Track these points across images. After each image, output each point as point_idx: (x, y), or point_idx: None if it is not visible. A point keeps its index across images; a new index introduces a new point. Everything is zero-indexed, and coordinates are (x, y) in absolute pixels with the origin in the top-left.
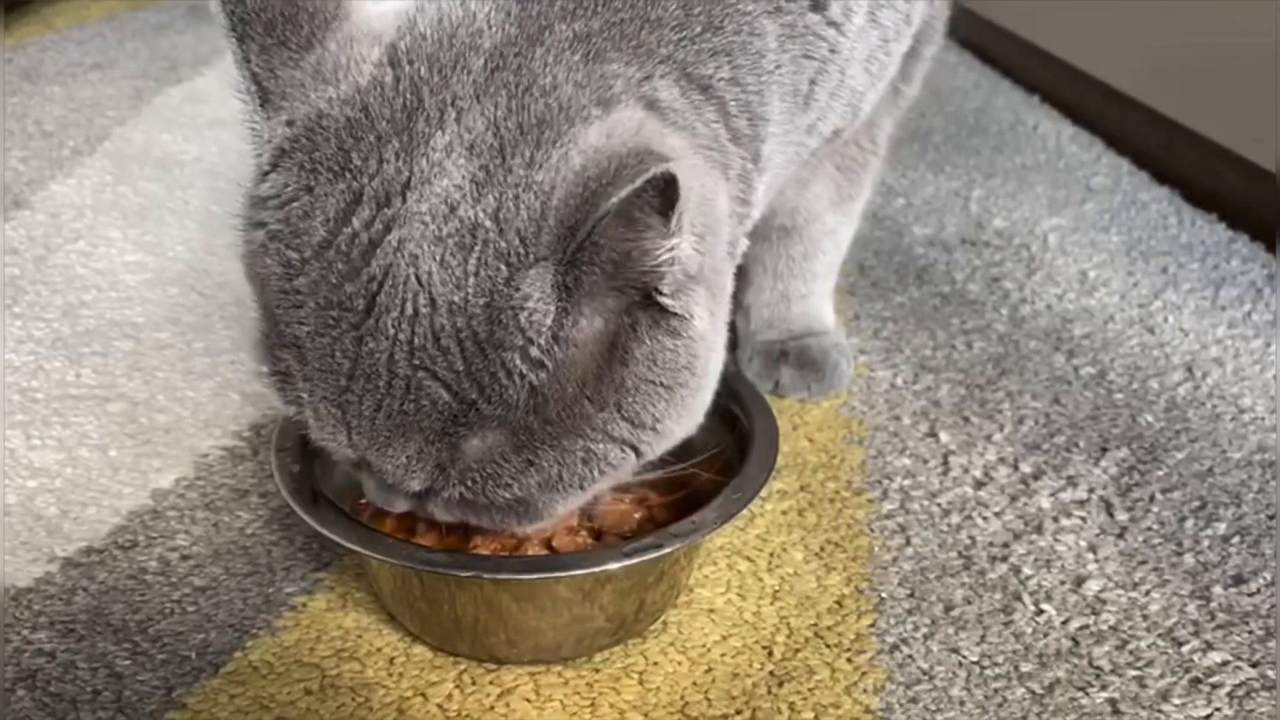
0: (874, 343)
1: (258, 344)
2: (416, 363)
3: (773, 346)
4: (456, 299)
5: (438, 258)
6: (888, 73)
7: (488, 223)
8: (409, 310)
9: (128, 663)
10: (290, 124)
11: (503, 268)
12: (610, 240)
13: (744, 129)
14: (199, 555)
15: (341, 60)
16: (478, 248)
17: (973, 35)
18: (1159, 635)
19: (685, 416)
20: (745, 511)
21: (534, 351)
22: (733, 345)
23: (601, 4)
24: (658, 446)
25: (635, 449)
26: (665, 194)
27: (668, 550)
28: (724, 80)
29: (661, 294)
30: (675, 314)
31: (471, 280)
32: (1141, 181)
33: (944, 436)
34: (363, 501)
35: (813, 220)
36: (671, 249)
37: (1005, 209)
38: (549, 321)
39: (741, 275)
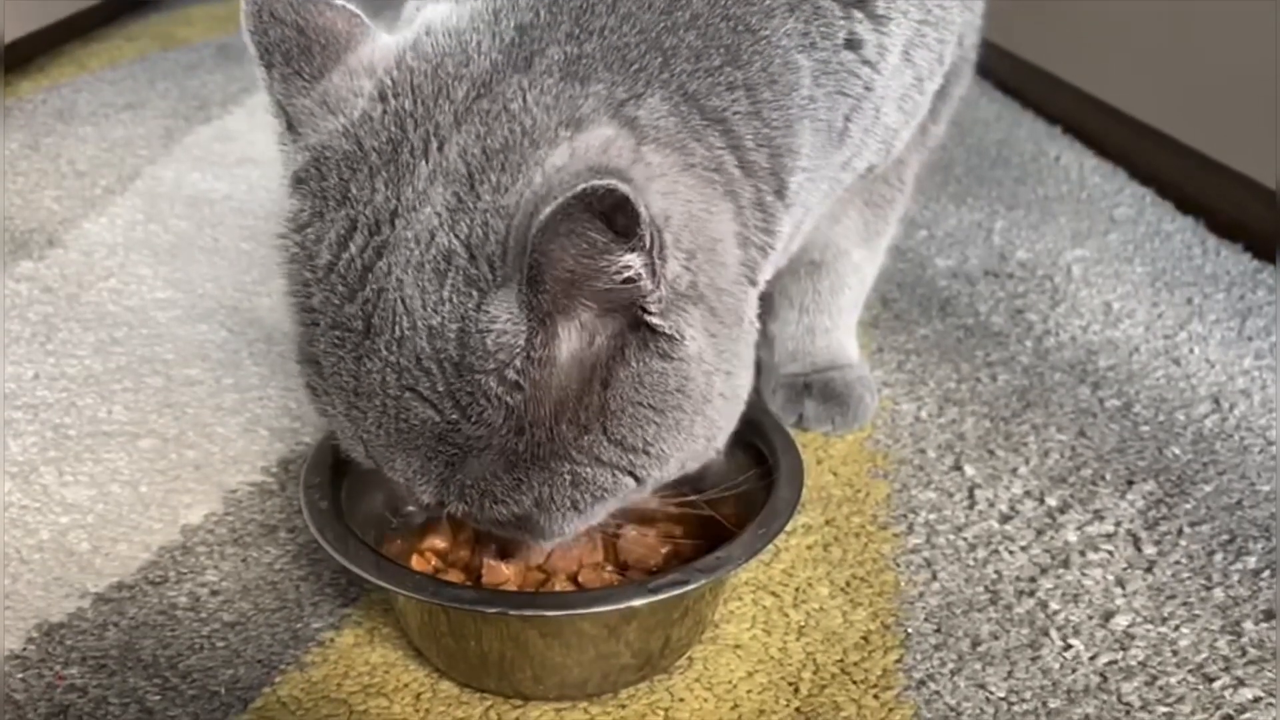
0: (898, 376)
1: (296, 356)
2: (404, 383)
3: (797, 380)
4: (434, 323)
5: (418, 283)
6: (921, 110)
7: (460, 249)
8: (396, 333)
9: (158, 698)
10: (306, 150)
11: (474, 293)
12: (554, 256)
13: (761, 162)
14: (228, 591)
15: (343, 93)
16: (451, 274)
17: (994, 67)
18: (1189, 671)
19: (685, 440)
20: (770, 546)
21: (509, 374)
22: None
23: (610, 30)
24: (656, 471)
25: (631, 474)
26: (612, 209)
27: (693, 586)
28: (739, 114)
29: (648, 313)
30: (665, 334)
31: (446, 306)
32: (1165, 212)
33: (969, 470)
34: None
35: (841, 256)
36: (628, 266)
37: (1028, 240)
38: (520, 342)
39: (767, 308)
